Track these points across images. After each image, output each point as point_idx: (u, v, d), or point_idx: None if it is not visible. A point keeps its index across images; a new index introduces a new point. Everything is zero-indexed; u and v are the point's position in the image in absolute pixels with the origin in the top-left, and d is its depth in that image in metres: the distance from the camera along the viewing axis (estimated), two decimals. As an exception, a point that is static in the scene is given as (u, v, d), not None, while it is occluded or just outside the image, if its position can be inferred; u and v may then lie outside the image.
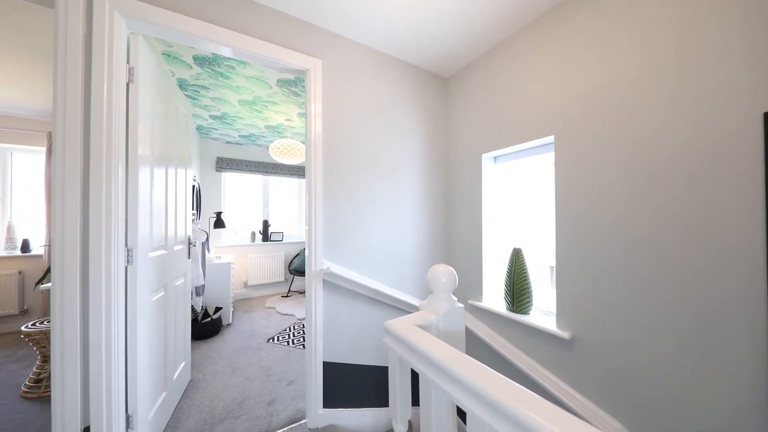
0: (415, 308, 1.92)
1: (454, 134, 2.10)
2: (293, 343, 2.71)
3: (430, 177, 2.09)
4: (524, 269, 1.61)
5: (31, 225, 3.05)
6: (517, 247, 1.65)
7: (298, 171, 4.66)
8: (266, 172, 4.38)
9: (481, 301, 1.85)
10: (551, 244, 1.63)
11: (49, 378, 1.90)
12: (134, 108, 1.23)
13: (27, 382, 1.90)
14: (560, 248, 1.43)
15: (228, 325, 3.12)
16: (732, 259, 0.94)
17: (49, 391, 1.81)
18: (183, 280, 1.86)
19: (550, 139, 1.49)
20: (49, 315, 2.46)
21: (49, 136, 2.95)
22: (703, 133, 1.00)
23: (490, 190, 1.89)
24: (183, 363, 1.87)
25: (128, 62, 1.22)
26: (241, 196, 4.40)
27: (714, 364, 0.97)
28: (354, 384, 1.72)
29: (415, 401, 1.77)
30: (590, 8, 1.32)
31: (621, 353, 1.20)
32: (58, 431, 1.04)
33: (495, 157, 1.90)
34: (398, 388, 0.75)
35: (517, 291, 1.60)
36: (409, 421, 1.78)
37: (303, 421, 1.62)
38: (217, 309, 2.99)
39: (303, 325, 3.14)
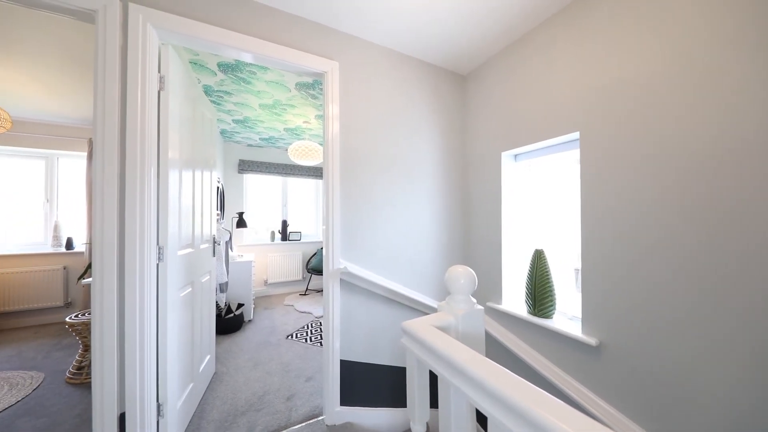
0: (432, 309, 1.89)
1: (473, 132, 2.05)
2: (311, 340, 2.76)
3: (447, 176, 2.06)
4: (546, 271, 1.55)
5: (74, 224, 3.32)
6: (539, 248, 1.59)
7: (315, 172, 4.75)
8: (285, 173, 4.50)
9: (500, 303, 1.80)
10: (576, 245, 1.55)
11: (89, 366, 2.05)
12: (165, 114, 1.31)
13: (71, 369, 2.07)
14: (586, 249, 1.36)
15: (249, 321, 3.23)
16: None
17: (90, 378, 1.96)
18: (208, 277, 1.95)
19: (575, 135, 1.43)
20: (90, 307, 2.66)
21: (90, 142, 3.19)
22: (733, 128, 0.94)
23: (510, 189, 1.83)
24: (208, 356, 1.96)
25: (159, 71, 1.30)
26: (262, 197, 4.55)
27: (754, 369, 0.90)
28: (370, 383, 1.73)
29: (433, 403, 1.76)
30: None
31: (652, 360, 1.13)
32: (98, 416, 1.12)
33: (515, 155, 1.84)
34: (416, 389, 0.75)
35: (539, 294, 1.54)
36: (427, 424, 1.76)
37: (320, 418, 1.65)
38: (240, 305, 3.11)
39: (320, 323, 3.19)
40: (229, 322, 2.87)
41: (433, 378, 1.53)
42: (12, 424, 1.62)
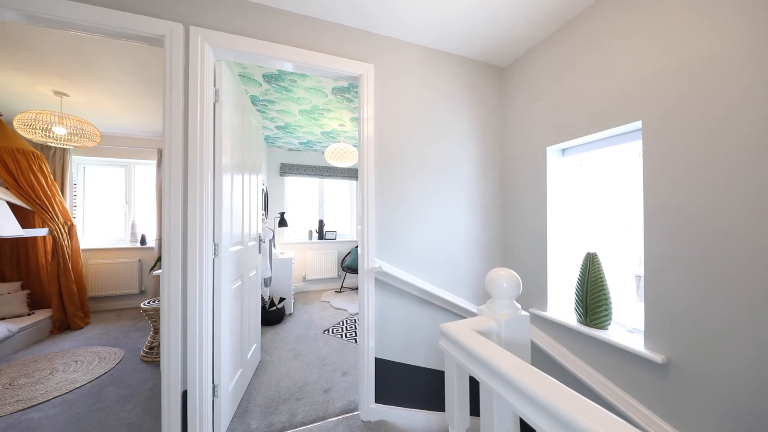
0: (469, 313, 1.83)
1: (513, 127, 1.94)
2: (346, 336, 2.84)
3: (484, 175, 1.97)
4: (600, 277, 1.40)
5: (147, 223, 3.82)
6: (591, 251, 1.45)
7: (349, 173, 4.89)
8: (321, 175, 4.70)
9: (545, 310, 1.68)
10: (636, 248, 1.39)
11: (159, 347, 2.35)
12: (219, 124, 1.44)
13: (144, 348, 2.39)
14: (649, 253, 1.20)
15: (290, 314, 3.43)
16: None
17: (159, 357, 2.24)
18: (255, 272, 2.11)
19: (637, 125, 1.27)
20: (159, 295, 3.05)
21: (159, 151, 3.65)
22: None
23: (557, 187, 1.69)
24: (255, 345, 2.12)
25: (214, 85, 1.43)
26: (300, 198, 4.81)
27: None
28: (405, 384, 1.73)
29: (473, 411, 1.70)
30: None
31: (740, 386, 0.96)
32: (166, 392, 1.27)
33: (563, 150, 1.70)
34: (456, 394, 0.73)
35: (592, 302, 1.40)
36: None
37: (356, 413, 1.69)
38: (281, 299, 3.32)
39: (355, 319, 3.27)
40: (272, 315, 3.08)
41: (473, 383, 1.47)
42: (101, 391, 1.92)
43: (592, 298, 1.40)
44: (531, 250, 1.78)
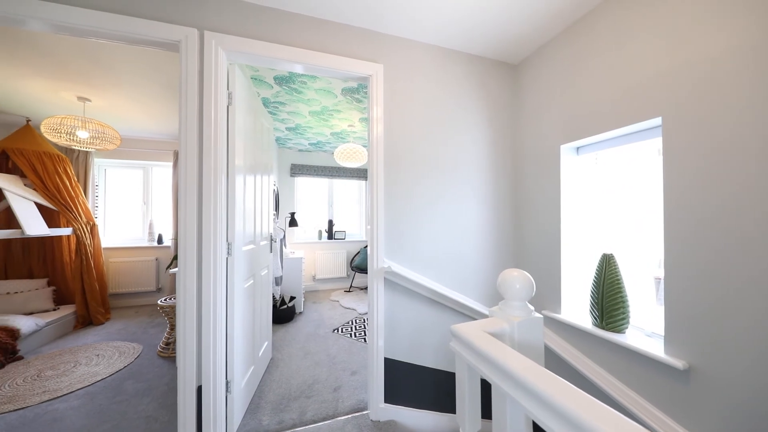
0: (479, 314, 1.81)
1: (525, 126, 1.90)
2: (355, 335, 2.85)
3: (496, 174, 1.94)
4: (617, 279, 1.36)
5: (163, 223, 3.94)
6: (607, 252, 1.41)
7: (358, 173, 4.91)
8: (331, 175, 4.74)
9: (558, 312, 1.64)
10: (655, 250, 1.34)
11: (174, 343, 2.42)
12: (232, 126, 1.47)
13: (161, 344, 2.47)
14: (670, 255, 1.15)
15: (300, 313, 3.47)
16: None
17: (175, 353, 2.32)
18: (267, 271, 2.15)
19: (656, 121, 1.22)
20: (175, 293, 3.14)
21: (175, 153, 3.76)
22: None
23: (571, 186, 1.65)
24: (266, 342, 2.16)
25: (228, 88, 1.47)
26: (310, 198, 4.86)
27: None
28: (414, 384, 1.72)
29: (484, 414, 1.67)
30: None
31: (763, 394, 0.91)
32: (181, 386, 1.31)
33: (577, 148, 1.65)
34: (467, 396, 0.72)
35: (608, 304, 1.36)
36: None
37: (365, 412, 1.70)
38: (292, 298, 3.36)
39: (364, 319, 3.28)
40: (282, 313, 3.12)
41: (484, 386, 1.45)
42: (121, 384, 2.00)
43: (609, 301, 1.36)
44: (544, 250, 1.74)
